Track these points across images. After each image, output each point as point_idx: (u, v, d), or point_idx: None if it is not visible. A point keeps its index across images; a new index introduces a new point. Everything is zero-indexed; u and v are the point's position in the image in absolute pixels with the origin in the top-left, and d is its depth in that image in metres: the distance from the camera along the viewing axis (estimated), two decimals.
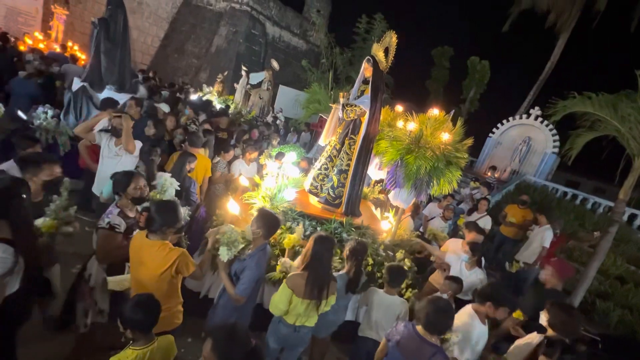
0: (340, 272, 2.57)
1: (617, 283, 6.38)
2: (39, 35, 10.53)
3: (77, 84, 5.09)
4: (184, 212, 2.35)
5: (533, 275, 5.20)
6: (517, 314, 2.93)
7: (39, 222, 2.07)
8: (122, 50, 5.28)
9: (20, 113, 4.55)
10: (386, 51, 3.66)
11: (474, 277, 3.27)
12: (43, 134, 4.25)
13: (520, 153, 12.63)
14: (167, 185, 2.80)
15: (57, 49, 10.19)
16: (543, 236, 5.17)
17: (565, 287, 4.92)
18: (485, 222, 5.40)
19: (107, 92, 5.17)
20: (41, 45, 9.63)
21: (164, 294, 1.93)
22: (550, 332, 2.34)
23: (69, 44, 11.12)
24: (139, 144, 3.30)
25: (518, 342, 2.53)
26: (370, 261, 3.20)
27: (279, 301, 2.15)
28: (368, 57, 3.70)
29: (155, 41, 17.11)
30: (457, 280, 2.94)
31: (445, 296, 2.76)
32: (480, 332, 2.34)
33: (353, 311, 3.24)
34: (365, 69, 3.72)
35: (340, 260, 2.92)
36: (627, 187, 4.97)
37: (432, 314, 1.91)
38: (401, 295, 2.95)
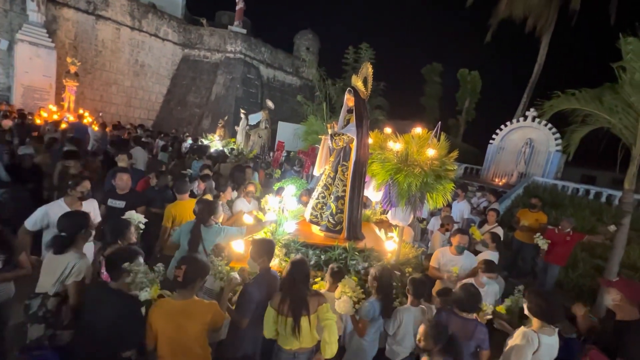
0: (370, 300, 2.67)
1: None
2: (53, 107, 11.42)
3: None
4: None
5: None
6: (500, 308, 2.88)
7: (142, 296, 2.07)
8: None
9: None
10: (365, 81, 3.91)
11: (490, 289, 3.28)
12: None
13: (524, 155, 12.58)
14: (134, 220, 2.90)
15: (71, 118, 11.01)
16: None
17: None
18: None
19: None
20: (55, 117, 10.41)
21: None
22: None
23: (80, 111, 12.01)
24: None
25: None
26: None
27: (265, 320, 2.27)
28: (349, 88, 3.95)
29: (159, 97, 18.25)
30: (446, 292, 2.97)
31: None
32: None
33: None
34: (348, 99, 3.96)
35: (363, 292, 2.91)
36: (631, 176, 4.93)
37: (466, 298, 2.47)
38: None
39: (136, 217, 3.01)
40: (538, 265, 6.01)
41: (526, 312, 2.37)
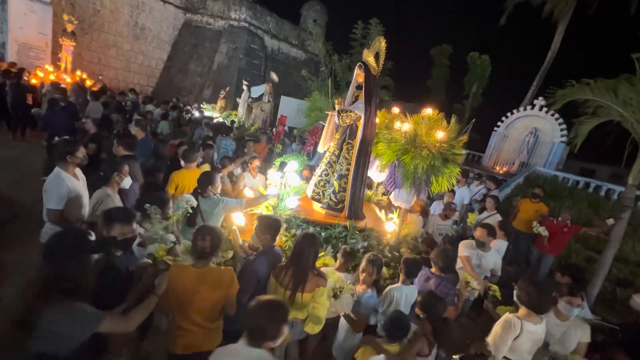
0: (367, 294, 2.66)
1: (637, 270, 6.21)
2: (49, 67, 11.03)
3: None
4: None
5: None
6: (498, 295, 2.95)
7: (151, 248, 2.14)
8: None
9: None
10: (377, 56, 3.75)
11: None
12: None
13: (527, 145, 12.46)
14: (183, 205, 2.84)
15: (68, 79, 10.67)
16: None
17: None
18: (495, 221, 5.27)
19: None
20: (52, 77, 10.08)
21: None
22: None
23: (78, 73, 11.63)
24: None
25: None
26: None
27: (267, 290, 2.33)
28: (359, 63, 3.79)
29: (159, 64, 17.67)
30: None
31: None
32: None
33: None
34: (358, 75, 3.82)
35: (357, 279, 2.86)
36: (636, 172, 4.88)
37: (443, 259, 2.85)
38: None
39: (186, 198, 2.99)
40: (533, 254, 6.08)
41: (515, 298, 2.37)
